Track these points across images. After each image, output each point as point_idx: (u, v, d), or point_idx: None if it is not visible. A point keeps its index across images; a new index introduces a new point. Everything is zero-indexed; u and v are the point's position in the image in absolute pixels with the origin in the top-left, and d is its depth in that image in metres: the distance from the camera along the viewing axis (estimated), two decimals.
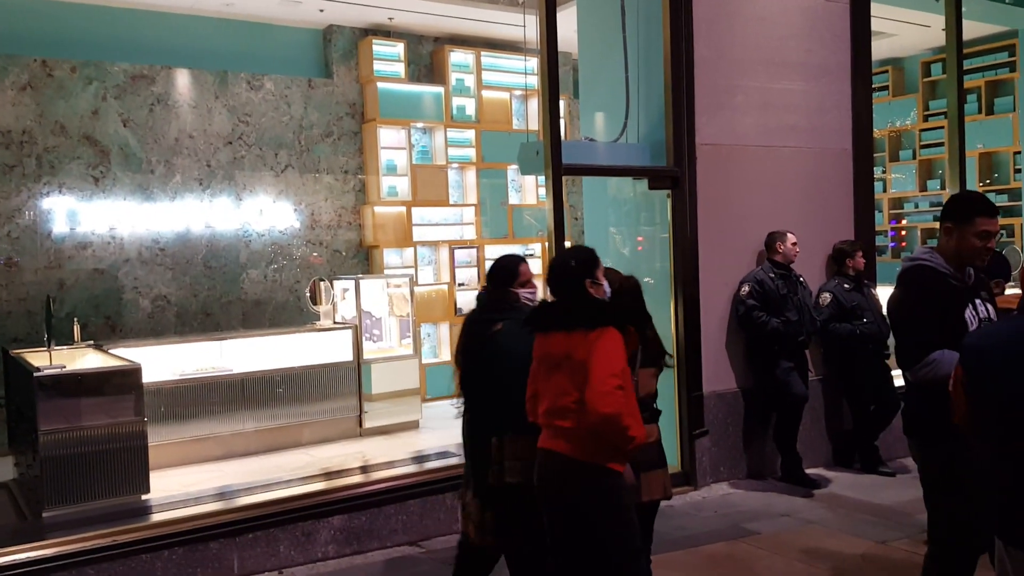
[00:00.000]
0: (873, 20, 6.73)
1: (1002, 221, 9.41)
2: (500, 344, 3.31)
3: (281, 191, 8.12)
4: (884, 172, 10.73)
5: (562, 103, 8.97)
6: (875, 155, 10.40)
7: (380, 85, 8.32)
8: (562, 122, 9.13)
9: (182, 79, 7.69)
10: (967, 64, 8.90)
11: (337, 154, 8.38)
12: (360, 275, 7.76)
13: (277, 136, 8.09)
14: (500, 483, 3.25)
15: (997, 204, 9.99)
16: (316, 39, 8.50)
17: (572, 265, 3.06)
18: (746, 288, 5.83)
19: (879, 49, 9.36)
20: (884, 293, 5.93)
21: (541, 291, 3.55)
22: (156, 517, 4.57)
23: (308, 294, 7.13)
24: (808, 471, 5.97)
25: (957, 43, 7.27)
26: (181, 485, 5.37)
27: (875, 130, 10.08)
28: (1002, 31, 9.29)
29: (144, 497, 4.96)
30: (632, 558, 2.95)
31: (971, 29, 8.39)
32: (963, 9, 7.30)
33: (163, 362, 6.16)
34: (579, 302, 2.98)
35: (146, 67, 7.50)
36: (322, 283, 7.09)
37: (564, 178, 5.41)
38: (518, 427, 3.18)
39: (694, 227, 5.83)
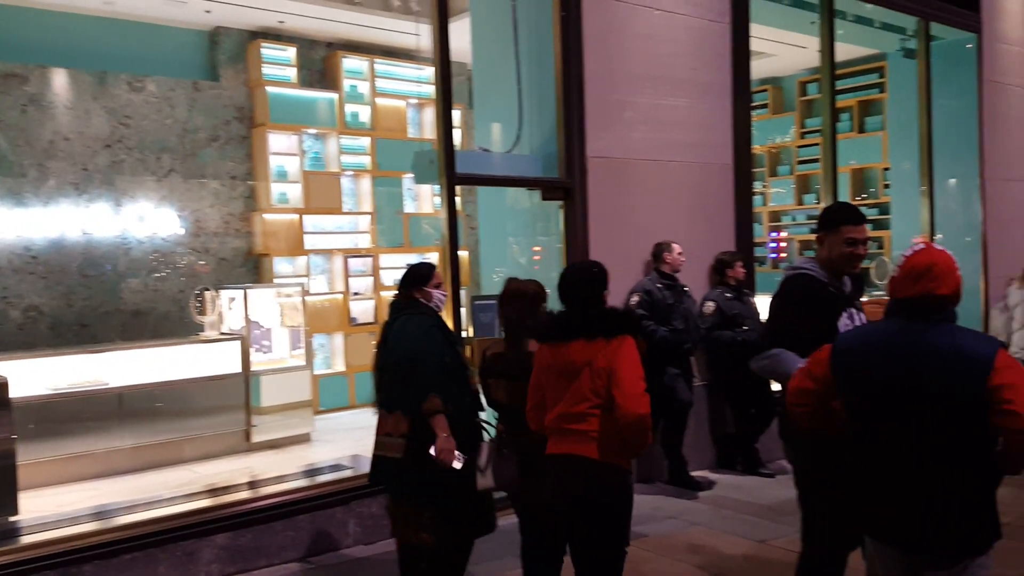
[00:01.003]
0: (753, 40, 7.05)
1: (873, 234, 10.02)
2: (392, 336, 3.62)
3: (164, 196, 7.81)
4: (764, 186, 11.23)
5: (457, 113, 9.04)
6: (755, 170, 10.89)
7: (270, 89, 8.13)
8: (458, 132, 9.20)
9: (58, 79, 7.30)
10: (840, 84, 9.43)
11: (224, 159, 8.14)
12: (248, 284, 7.54)
13: (160, 139, 7.78)
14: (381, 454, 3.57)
15: (869, 218, 10.61)
16: (202, 41, 8.23)
17: (595, 275, 3.28)
18: (635, 298, 5.99)
19: (759, 68, 9.80)
20: (764, 302, 6.22)
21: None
22: (25, 540, 4.29)
23: (193, 304, 6.88)
24: (694, 474, 6.17)
25: (830, 64, 7.70)
26: (54, 505, 5.08)
27: (755, 146, 10.56)
28: (873, 54, 9.89)
29: (12, 519, 4.67)
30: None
31: (844, 51, 8.89)
32: (836, 32, 7.74)
33: (34, 376, 5.82)
34: (600, 312, 3.19)
35: (19, 66, 7.09)
36: (208, 292, 6.86)
37: (460, 187, 5.43)
38: (388, 405, 3.55)
39: (585, 237, 5.95)
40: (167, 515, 4.58)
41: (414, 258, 9.20)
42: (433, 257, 8.96)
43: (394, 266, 9.01)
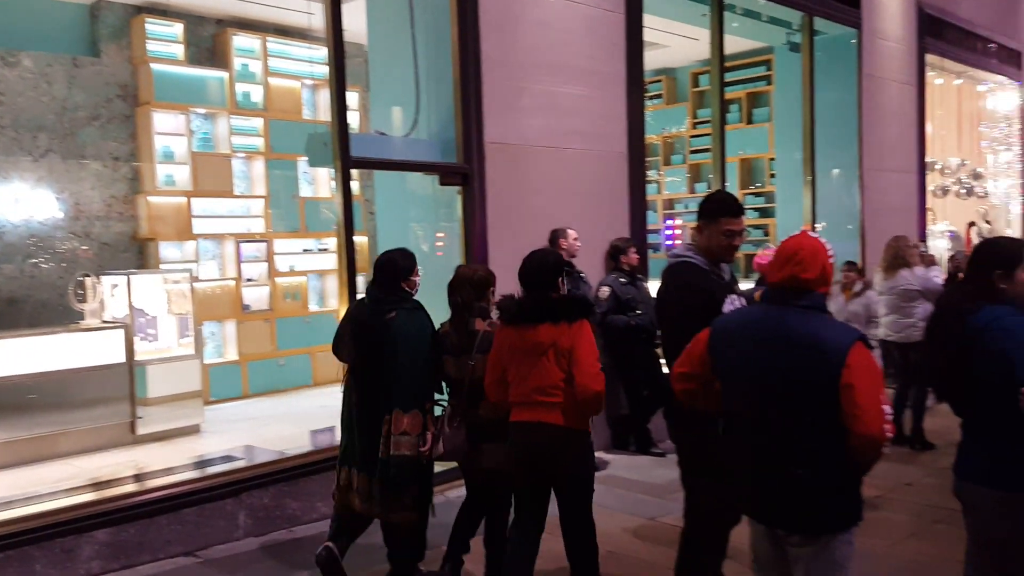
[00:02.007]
0: (647, 31, 7.20)
1: (759, 222, 10.43)
2: (395, 330, 3.77)
3: (41, 178, 7.37)
4: (659, 175, 11.50)
5: (355, 95, 8.88)
6: (650, 159, 11.16)
7: (155, 67, 7.77)
8: (355, 114, 9.05)
9: None
10: (729, 76, 9.73)
11: (106, 139, 7.74)
12: (133, 270, 7.22)
13: (36, 118, 7.33)
14: (388, 455, 3.75)
15: (755, 206, 10.99)
16: (82, 14, 7.79)
17: (551, 264, 3.62)
18: None
19: (654, 59, 10.02)
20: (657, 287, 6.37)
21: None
22: None
23: (73, 291, 6.54)
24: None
25: (720, 56, 7.94)
26: None
27: (650, 135, 10.81)
28: (761, 47, 10.24)
29: None
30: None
31: (733, 44, 9.18)
32: (725, 25, 7.98)
33: None
34: (562, 298, 3.57)
35: None
36: (88, 279, 6.53)
37: (359, 171, 5.33)
38: (404, 405, 3.73)
39: (483, 223, 5.96)
40: (43, 511, 4.36)
41: (310, 243, 9.03)
42: (331, 243, 8.81)
43: (289, 251, 8.80)
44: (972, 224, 12.66)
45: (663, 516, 5.16)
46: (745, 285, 5.13)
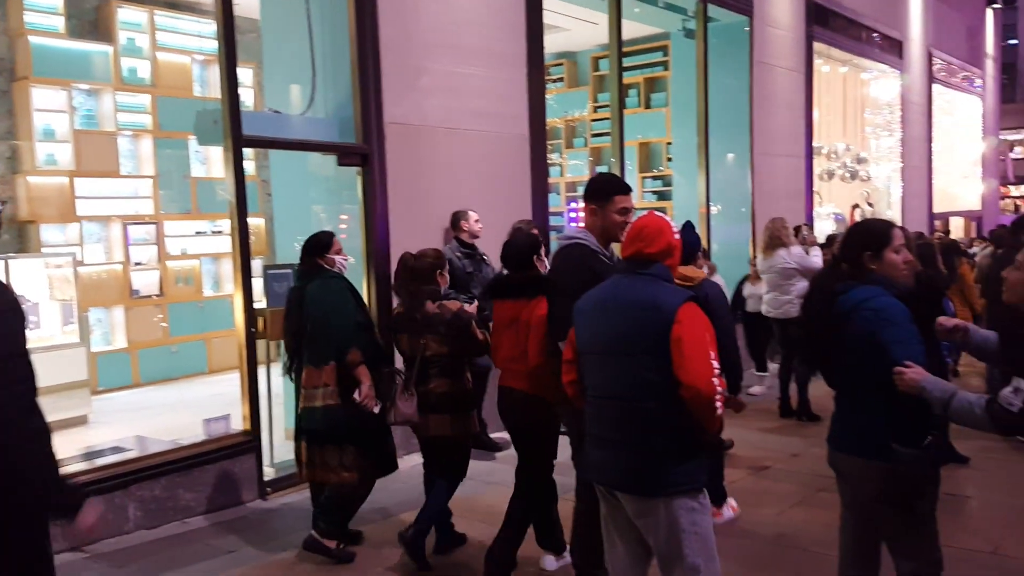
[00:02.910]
0: (547, 14, 7.23)
1: (657, 205, 10.66)
2: (309, 298, 4.17)
3: None
4: (561, 158, 11.62)
5: (250, 72, 8.60)
6: (553, 142, 11.24)
7: (33, 39, 7.32)
8: (250, 92, 8.76)
9: None
10: (628, 61, 9.88)
11: None
12: (11, 254, 6.81)
13: None
14: (301, 409, 4.17)
15: (653, 190, 11.20)
16: None
17: (523, 246, 3.93)
18: None
19: (555, 42, 10.08)
20: None
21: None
22: None
23: None
24: (493, 435, 6.33)
25: (618, 41, 8.05)
26: None
27: (553, 119, 10.88)
28: (658, 32, 10.43)
29: None
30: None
31: (632, 29, 9.33)
32: (624, 10, 8.09)
33: None
34: (533, 275, 3.83)
35: None
36: None
37: (258, 151, 5.17)
38: (316, 361, 4.11)
39: (384, 204, 5.88)
40: None
41: (203, 225, 8.72)
42: (226, 225, 8.51)
43: (181, 234, 8.47)
44: (856, 206, 13.30)
45: (564, 494, 5.24)
46: None
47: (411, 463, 5.27)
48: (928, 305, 2.89)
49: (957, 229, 17.81)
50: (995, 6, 20.40)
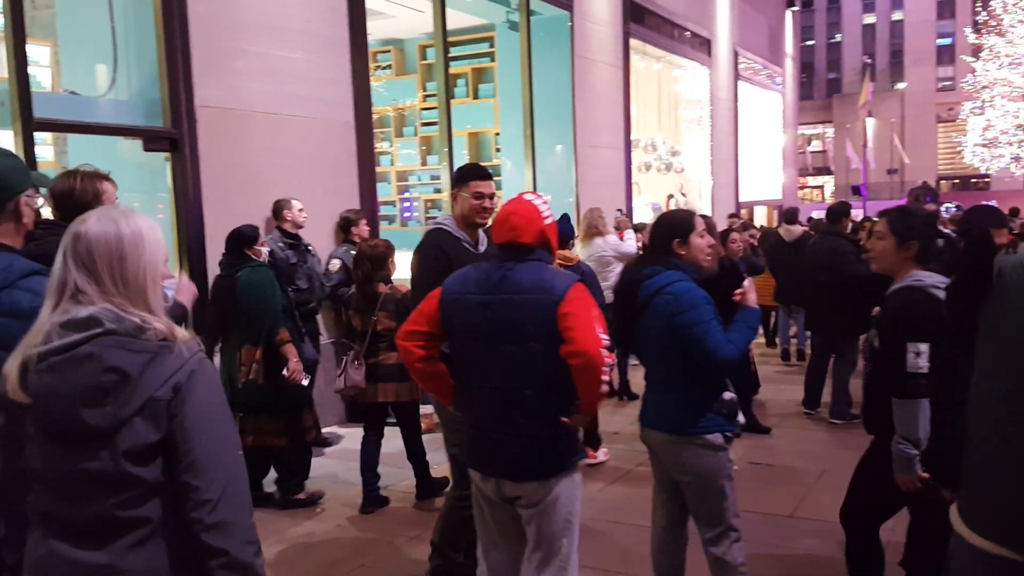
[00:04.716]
0: None
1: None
2: (241, 285, 4.63)
3: None
4: (391, 146, 11.48)
5: (46, 50, 7.86)
6: (383, 130, 11.10)
7: None
8: (46, 71, 8.01)
9: None
10: (455, 51, 9.91)
11: None
12: None
13: None
14: (242, 383, 4.63)
15: None
16: None
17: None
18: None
19: (382, 28, 9.94)
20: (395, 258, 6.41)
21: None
22: None
23: None
24: (324, 430, 6.19)
25: (443, 30, 8.05)
26: None
27: (383, 106, 10.74)
28: (484, 23, 10.50)
29: None
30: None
31: (458, 19, 9.35)
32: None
33: None
34: None
35: None
36: None
37: (56, 136, 4.76)
38: (254, 340, 4.62)
39: (198, 193, 5.58)
40: None
41: None
42: None
43: None
44: (671, 197, 14.06)
45: (396, 484, 5.23)
46: None
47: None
48: (729, 288, 3.09)
49: (761, 217, 19.25)
50: (794, 9, 22.15)
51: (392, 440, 6.00)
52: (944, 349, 2.65)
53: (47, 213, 2.96)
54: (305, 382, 4.81)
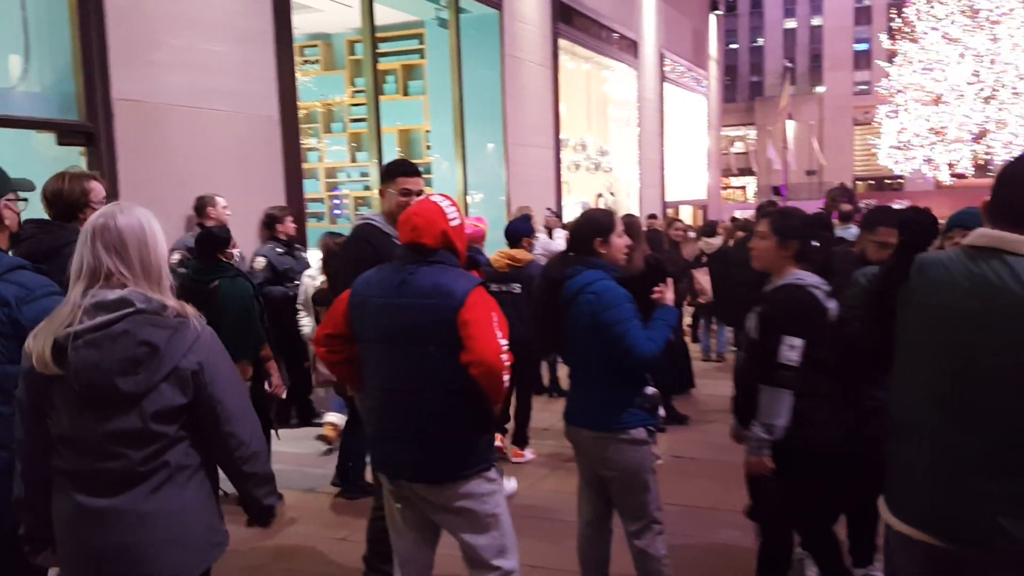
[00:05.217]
0: None
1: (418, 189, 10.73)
2: (222, 297, 4.40)
3: None
4: (319, 142, 11.32)
5: None
6: (311, 126, 10.94)
7: None
8: None
9: None
10: (385, 47, 9.85)
11: None
12: None
13: None
14: None
15: None
16: None
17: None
18: (177, 256, 5.61)
19: (309, 23, 9.80)
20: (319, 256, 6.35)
21: None
22: None
23: None
24: None
25: (371, 26, 7.98)
26: None
27: (311, 102, 10.58)
28: (414, 20, 10.44)
29: None
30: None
31: (387, 15, 9.29)
32: None
33: None
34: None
35: None
36: None
37: None
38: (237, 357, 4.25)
39: (114, 188, 5.39)
40: None
41: None
42: None
43: None
44: (600, 196, 14.24)
45: (323, 487, 5.17)
46: None
47: None
48: (653, 286, 3.17)
49: (687, 216, 19.67)
50: (717, 13, 22.68)
51: (312, 442, 5.96)
52: (818, 348, 2.86)
53: (40, 213, 3.18)
54: (284, 395, 4.87)
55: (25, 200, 2.68)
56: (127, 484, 1.98)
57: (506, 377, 2.55)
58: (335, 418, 5.82)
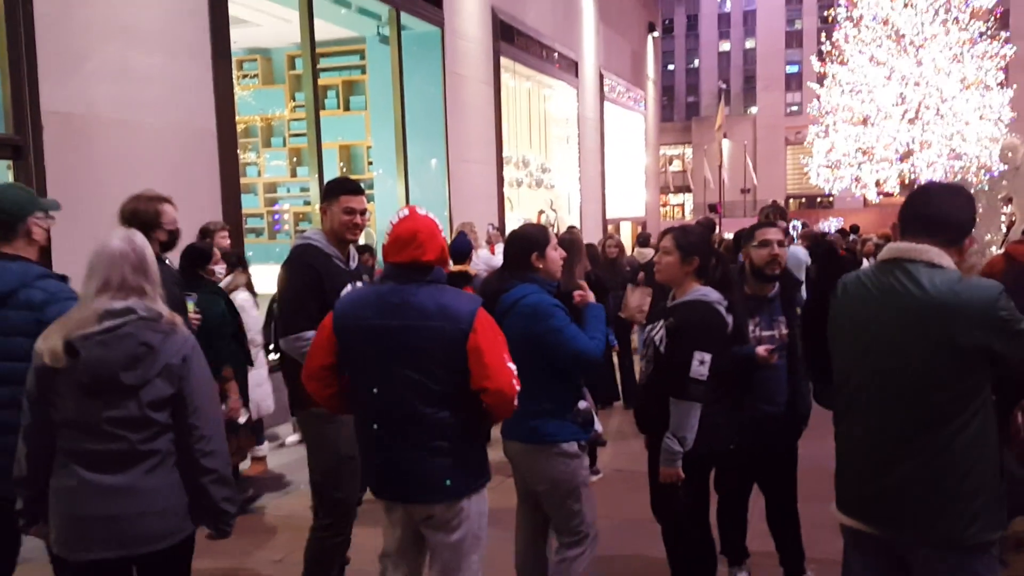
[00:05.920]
0: (234, 6, 6.91)
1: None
2: (206, 311, 4.38)
3: None
4: (259, 157, 11.16)
5: None
6: (250, 140, 10.79)
7: None
8: None
9: None
10: (326, 63, 9.78)
11: None
12: None
13: None
14: None
15: None
16: None
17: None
18: None
19: (248, 36, 9.69)
20: (263, 271, 6.26)
21: None
22: None
23: None
24: None
25: (311, 41, 7.92)
26: None
27: (250, 116, 10.44)
28: (355, 36, 10.40)
29: None
30: None
31: (328, 31, 9.25)
32: (317, 10, 7.97)
33: None
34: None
35: None
36: None
37: None
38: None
39: None
40: None
41: None
42: None
43: None
44: (542, 212, 14.34)
45: (265, 503, 5.06)
46: None
47: None
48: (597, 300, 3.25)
49: (626, 233, 19.93)
50: (655, 35, 23.13)
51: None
52: (720, 361, 3.06)
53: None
54: (243, 419, 4.74)
55: (52, 218, 2.93)
56: (129, 463, 2.33)
57: (516, 402, 2.58)
58: (264, 451, 5.84)
